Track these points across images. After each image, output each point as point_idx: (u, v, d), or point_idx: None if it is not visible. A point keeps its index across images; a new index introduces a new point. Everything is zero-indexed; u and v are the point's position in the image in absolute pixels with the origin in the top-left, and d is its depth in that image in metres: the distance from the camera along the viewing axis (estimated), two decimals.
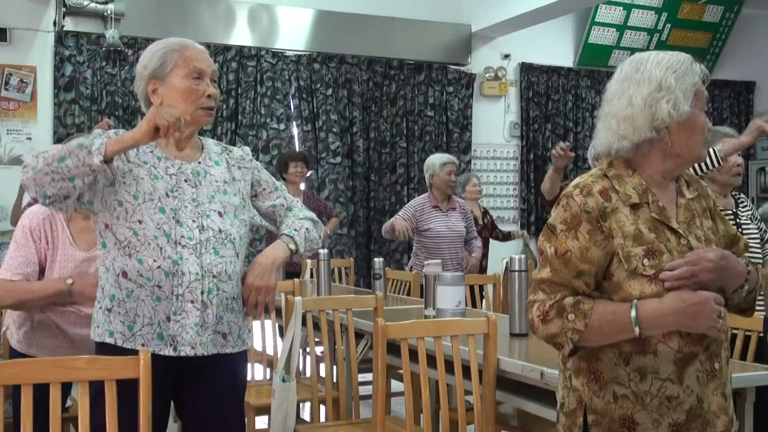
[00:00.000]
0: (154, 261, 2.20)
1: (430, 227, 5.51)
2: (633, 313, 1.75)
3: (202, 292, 2.22)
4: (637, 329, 1.75)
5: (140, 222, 2.21)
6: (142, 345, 2.20)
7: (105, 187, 2.21)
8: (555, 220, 1.87)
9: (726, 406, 1.85)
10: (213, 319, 2.25)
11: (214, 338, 2.26)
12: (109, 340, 2.23)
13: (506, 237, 6.85)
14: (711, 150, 3.24)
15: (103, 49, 6.96)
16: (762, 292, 3.36)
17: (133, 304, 2.21)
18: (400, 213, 5.62)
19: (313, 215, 2.58)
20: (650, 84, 1.83)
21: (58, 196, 2.13)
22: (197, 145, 2.39)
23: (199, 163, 2.35)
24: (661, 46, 9.07)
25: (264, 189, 2.50)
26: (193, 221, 2.24)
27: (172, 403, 2.38)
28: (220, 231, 2.28)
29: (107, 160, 2.10)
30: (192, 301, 2.21)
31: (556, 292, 1.83)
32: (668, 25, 9.11)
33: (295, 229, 2.45)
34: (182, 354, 2.22)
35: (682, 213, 1.89)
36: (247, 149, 2.51)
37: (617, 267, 1.81)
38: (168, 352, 2.21)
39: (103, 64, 7.05)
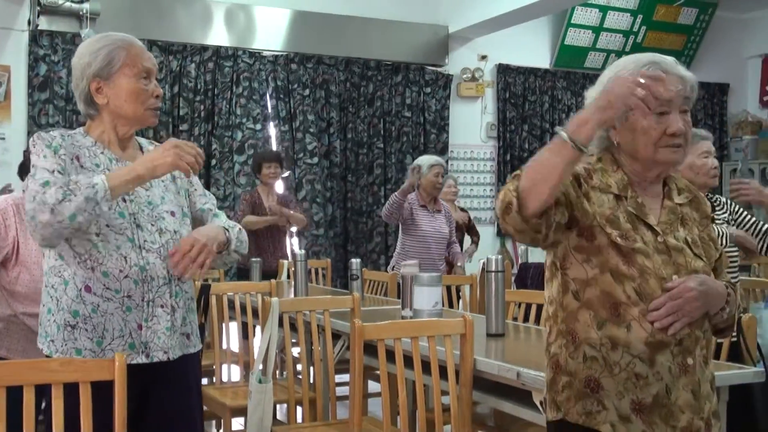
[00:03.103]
0: (121, 271, 2.13)
1: (417, 225, 5.57)
2: (558, 132, 1.74)
3: (171, 296, 2.20)
4: (564, 134, 1.72)
5: (98, 234, 2.12)
6: None
7: None
8: None
9: (694, 404, 1.86)
10: (180, 322, 2.23)
11: (180, 340, 2.24)
12: (76, 357, 2.14)
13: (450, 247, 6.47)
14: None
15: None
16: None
17: (100, 319, 2.13)
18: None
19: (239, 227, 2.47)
20: (599, 86, 1.91)
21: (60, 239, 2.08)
22: (136, 145, 2.34)
23: None
24: (637, 48, 9.14)
25: (196, 190, 2.43)
26: (152, 225, 2.20)
27: None
28: (175, 232, 2.24)
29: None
30: (162, 306, 2.18)
31: None
32: (643, 27, 9.18)
33: (230, 226, 2.36)
34: (155, 360, 2.17)
35: (666, 214, 1.92)
36: None
37: (600, 231, 1.85)
38: (140, 360, 2.16)
39: None
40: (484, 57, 8.67)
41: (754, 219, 3.67)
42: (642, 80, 1.70)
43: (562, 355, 1.90)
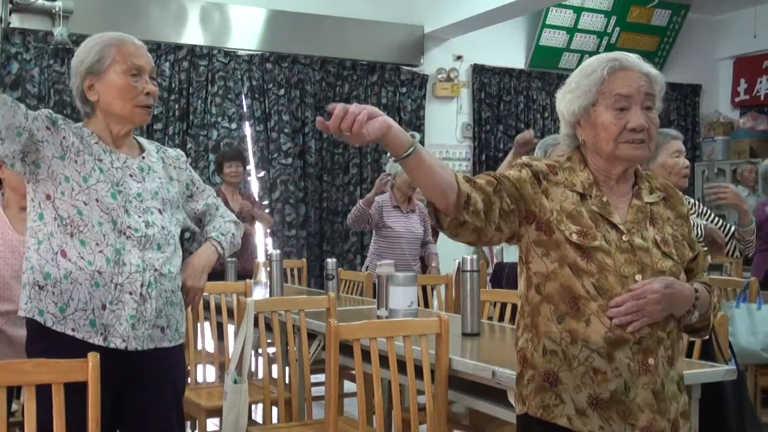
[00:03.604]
0: (97, 245, 2.16)
1: (390, 226, 5.56)
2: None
3: (142, 285, 2.19)
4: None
5: (85, 204, 2.17)
6: (73, 330, 2.16)
7: (54, 158, 2.18)
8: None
9: (654, 404, 1.86)
10: (152, 314, 2.22)
11: (152, 332, 2.23)
12: (38, 318, 2.18)
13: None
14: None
15: (51, 46, 6.83)
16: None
17: (69, 286, 2.16)
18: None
19: (234, 217, 2.61)
20: (567, 85, 1.95)
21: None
22: (134, 145, 2.37)
23: (143, 158, 2.33)
24: (611, 49, 9.16)
25: (197, 188, 2.52)
26: (139, 216, 2.23)
27: None
28: (163, 228, 2.27)
29: None
30: (131, 293, 2.18)
31: None
32: (617, 29, 9.25)
33: (222, 234, 2.49)
34: (111, 345, 2.17)
35: (633, 213, 1.93)
36: (181, 151, 2.52)
37: (556, 227, 1.87)
38: (97, 341, 2.16)
39: (51, 62, 6.92)
40: (459, 57, 8.70)
41: (721, 222, 3.70)
42: None
43: (528, 349, 1.92)
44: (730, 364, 2.78)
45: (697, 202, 3.65)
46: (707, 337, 2.86)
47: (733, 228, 3.76)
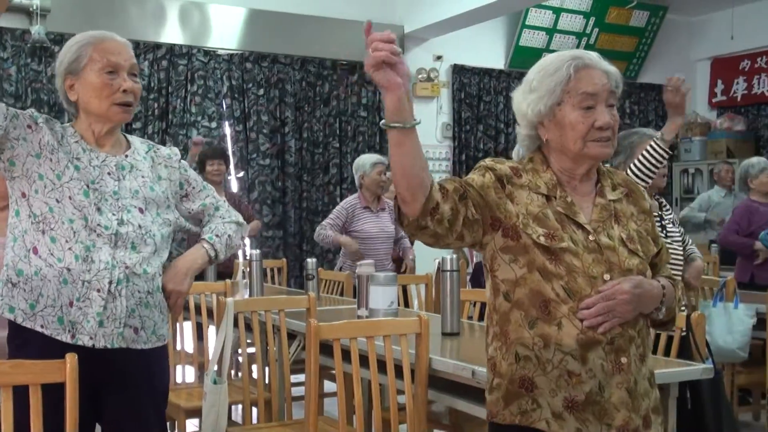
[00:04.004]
0: (66, 242, 2.16)
1: (361, 228, 5.51)
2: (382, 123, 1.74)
3: (111, 282, 2.17)
4: (382, 124, 1.73)
5: (58, 201, 2.17)
6: (42, 326, 2.15)
7: (29, 156, 2.18)
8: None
9: (629, 402, 1.86)
10: (122, 312, 2.19)
11: (123, 331, 2.20)
12: (8, 315, 2.18)
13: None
14: (652, 144, 3.30)
15: (29, 45, 6.78)
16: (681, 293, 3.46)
17: (39, 282, 2.16)
18: (331, 217, 5.54)
19: (239, 217, 2.56)
20: (525, 85, 1.94)
21: None
22: (120, 142, 2.35)
23: (126, 156, 2.31)
24: (589, 49, 9.08)
25: (193, 188, 2.47)
26: (113, 214, 2.21)
27: None
28: (141, 227, 2.24)
29: None
30: (98, 290, 2.16)
31: None
32: (596, 29, 9.30)
33: (217, 235, 2.44)
34: (79, 343, 2.15)
35: (598, 212, 1.92)
36: (176, 149, 2.49)
37: (523, 231, 1.86)
38: (65, 338, 2.15)
39: (29, 60, 6.87)
40: (439, 57, 8.71)
41: (686, 237, 3.71)
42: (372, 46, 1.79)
43: (497, 358, 1.91)
44: (707, 363, 2.81)
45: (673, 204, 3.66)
46: (673, 330, 2.88)
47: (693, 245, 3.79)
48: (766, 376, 3.82)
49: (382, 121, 1.71)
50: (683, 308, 3.38)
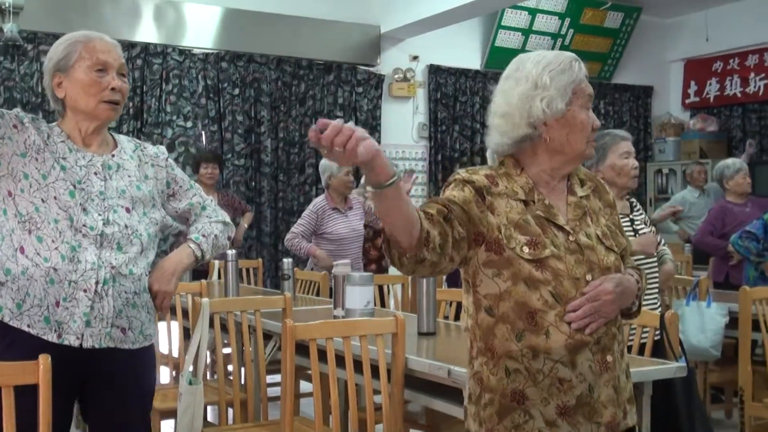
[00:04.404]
0: (53, 242, 2.16)
1: (332, 230, 5.48)
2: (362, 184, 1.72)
3: (97, 282, 2.17)
4: (369, 188, 1.64)
5: (43, 201, 2.17)
6: (28, 326, 2.15)
7: (14, 155, 2.18)
8: (443, 190, 1.90)
9: (615, 398, 1.89)
10: (110, 313, 2.19)
11: (111, 331, 2.21)
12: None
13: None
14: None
15: (1, 43, 6.71)
16: (650, 290, 3.49)
17: (26, 282, 2.16)
18: (302, 223, 5.49)
19: (226, 217, 2.56)
20: (527, 82, 1.89)
21: None
22: (107, 141, 2.35)
23: (113, 156, 2.31)
24: (565, 50, 9.23)
25: (181, 187, 2.47)
26: (99, 214, 2.21)
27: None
28: (127, 227, 2.25)
29: None
30: (85, 290, 2.16)
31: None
32: (571, 30, 9.35)
33: (204, 235, 2.44)
34: (65, 342, 2.16)
35: (572, 211, 1.93)
36: (163, 148, 2.49)
37: (504, 242, 1.85)
38: (51, 337, 2.15)
39: (1, 59, 6.79)
40: (415, 57, 8.73)
41: (659, 237, 3.74)
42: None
43: (484, 373, 1.91)
44: (680, 362, 2.83)
45: (643, 212, 3.67)
46: (657, 334, 2.90)
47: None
48: (738, 375, 3.86)
49: (371, 188, 1.61)
50: (658, 307, 3.41)
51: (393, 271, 6.25)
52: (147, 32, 7.36)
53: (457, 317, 3.87)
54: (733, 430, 4.53)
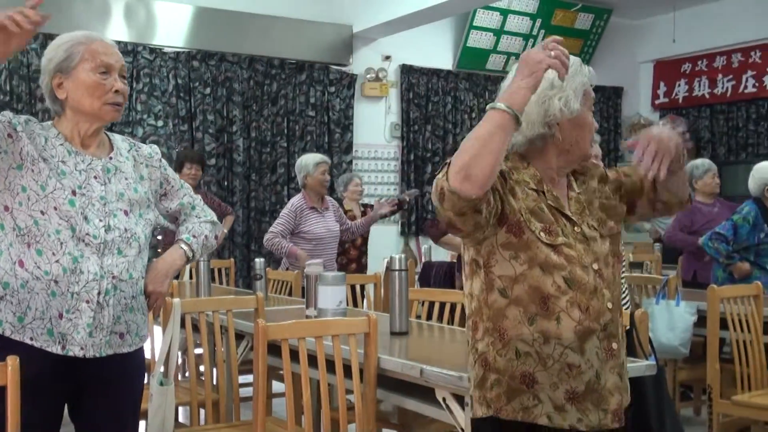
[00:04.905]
0: (53, 254, 2.13)
1: (309, 229, 5.48)
2: (493, 105, 1.75)
3: (99, 293, 2.17)
4: (500, 104, 1.74)
5: (43, 213, 2.14)
6: (31, 339, 2.13)
7: (11, 169, 2.14)
8: None
9: (621, 385, 1.96)
10: (109, 321, 2.19)
11: (110, 339, 2.21)
12: None
13: (401, 206, 6.78)
14: None
15: None
16: (626, 291, 3.52)
17: (26, 295, 2.13)
18: (280, 223, 5.48)
19: (214, 216, 2.58)
20: (544, 82, 1.91)
21: None
22: (104, 142, 2.34)
23: (110, 159, 2.30)
24: None
25: (173, 187, 2.48)
26: (100, 220, 2.19)
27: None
28: (126, 230, 2.24)
29: None
30: (87, 301, 2.15)
31: None
32: (542, 31, 9.41)
33: (194, 236, 2.45)
34: (70, 354, 2.15)
35: (574, 205, 2.00)
36: (156, 147, 2.48)
37: (526, 226, 1.90)
38: (56, 349, 2.14)
39: None
40: (388, 57, 8.74)
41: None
42: (550, 46, 1.78)
43: (490, 353, 1.94)
44: (650, 360, 2.86)
45: None
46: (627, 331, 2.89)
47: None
48: (706, 372, 3.91)
49: (498, 104, 1.74)
50: (628, 306, 3.45)
51: (371, 270, 6.26)
52: (117, 30, 7.29)
53: (429, 317, 3.88)
54: (701, 427, 4.58)
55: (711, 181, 5.69)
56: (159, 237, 6.00)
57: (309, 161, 5.60)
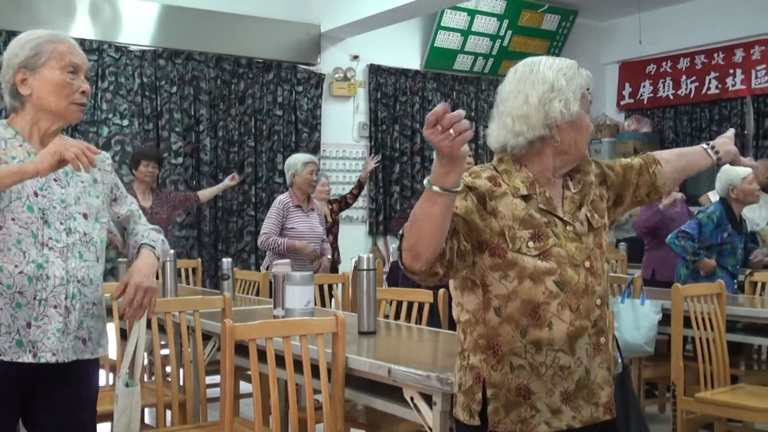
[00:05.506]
0: (16, 267, 2.10)
1: (293, 227, 5.51)
2: (426, 181, 1.72)
3: (66, 297, 2.15)
4: (435, 187, 1.68)
5: (1, 228, 2.10)
6: (1, 354, 2.09)
7: None
8: None
9: (609, 379, 1.99)
10: (74, 325, 2.18)
11: (74, 344, 2.19)
12: None
13: (360, 188, 6.91)
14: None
15: None
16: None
17: None
18: (271, 221, 5.51)
19: (157, 226, 2.56)
20: (544, 84, 1.96)
21: None
22: None
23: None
24: (503, 51, 9.41)
25: (122, 192, 2.47)
26: (61, 223, 2.17)
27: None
28: (85, 234, 2.22)
29: None
30: (55, 306, 2.13)
31: None
32: (509, 32, 9.46)
33: (154, 240, 2.44)
34: (42, 360, 2.13)
35: (568, 204, 2.02)
36: (107, 153, 2.47)
37: (506, 246, 1.91)
38: (27, 358, 2.11)
39: None
40: (356, 57, 8.73)
41: None
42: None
43: (484, 369, 1.96)
44: (616, 358, 2.89)
45: None
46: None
47: None
48: (671, 370, 3.95)
49: (440, 187, 1.68)
50: None
51: (343, 270, 6.26)
52: (82, 28, 7.20)
53: (397, 316, 3.89)
54: (666, 424, 4.63)
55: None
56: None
57: (298, 160, 5.67)
